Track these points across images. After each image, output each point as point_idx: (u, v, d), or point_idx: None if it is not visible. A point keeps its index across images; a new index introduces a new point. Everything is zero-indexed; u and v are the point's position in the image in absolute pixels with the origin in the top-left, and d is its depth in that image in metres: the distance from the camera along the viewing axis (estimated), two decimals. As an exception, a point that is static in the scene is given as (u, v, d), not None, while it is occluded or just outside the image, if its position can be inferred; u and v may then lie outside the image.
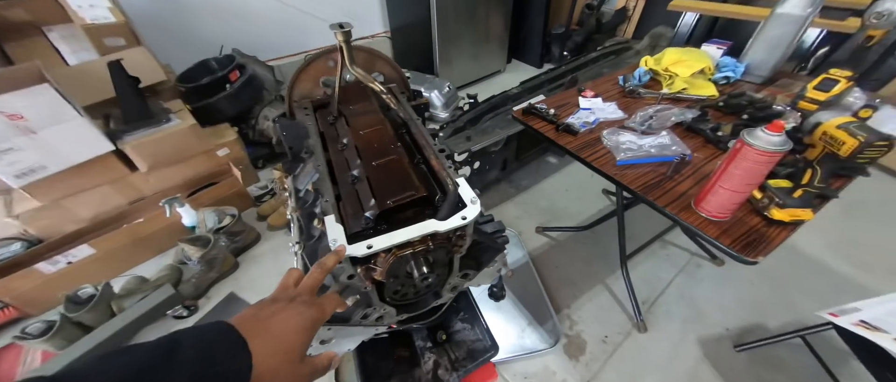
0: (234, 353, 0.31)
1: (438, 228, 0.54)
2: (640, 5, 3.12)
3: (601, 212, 1.80)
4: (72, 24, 1.61)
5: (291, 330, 0.36)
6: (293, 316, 0.37)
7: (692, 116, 0.98)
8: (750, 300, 1.38)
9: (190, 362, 0.28)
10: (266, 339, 0.33)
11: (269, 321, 0.35)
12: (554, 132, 1.05)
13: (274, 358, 0.33)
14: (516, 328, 1.35)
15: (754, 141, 0.60)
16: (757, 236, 0.70)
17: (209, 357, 0.29)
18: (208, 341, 0.30)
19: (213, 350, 0.30)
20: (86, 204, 1.51)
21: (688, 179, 0.84)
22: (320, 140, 0.72)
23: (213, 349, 0.30)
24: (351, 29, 0.63)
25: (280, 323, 0.36)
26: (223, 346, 0.31)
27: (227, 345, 0.31)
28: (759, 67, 1.17)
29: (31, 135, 1.20)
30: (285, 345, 0.34)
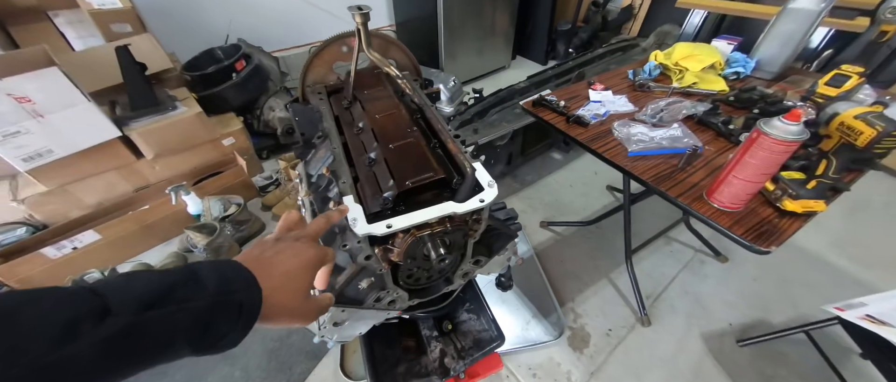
0: (247, 286, 0.33)
1: (457, 209, 0.54)
2: (646, 3, 3.11)
3: (605, 208, 1.80)
4: (78, 10, 1.60)
5: (295, 269, 0.38)
6: (296, 256, 0.39)
7: (703, 110, 0.98)
8: (753, 296, 1.39)
9: (211, 286, 0.30)
10: (272, 277, 0.35)
11: (274, 260, 0.38)
12: (564, 124, 1.05)
13: (280, 293, 0.35)
14: (521, 320, 1.35)
15: (771, 130, 0.60)
16: (769, 227, 0.70)
17: (226, 285, 0.31)
18: (224, 273, 0.32)
19: (230, 280, 0.32)
20: (91, 190, 1.50)
21: (700, 170, 0.85)
22: (335, 124, 0.72)
23: (229, 279, 0.32)
24: (369, 11, 0.63)
25: (284, 262, 0.38)
26: (238, 278, 0.33)
27: (241, 278, 0.33)
28: (770, 63, 1.17)
29: (38, 118, 1.20)
30: (290, 283, 0.37)
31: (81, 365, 0.23)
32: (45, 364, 0.22)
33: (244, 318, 0.32)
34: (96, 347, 0.23)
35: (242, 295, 0.32)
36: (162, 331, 0.27)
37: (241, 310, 0.31)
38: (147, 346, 0.26)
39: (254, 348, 1.26)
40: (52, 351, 0.22)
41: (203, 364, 1.22)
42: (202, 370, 1.20)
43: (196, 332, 0.29)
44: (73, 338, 0.23)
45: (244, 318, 0.32)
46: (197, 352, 0.30)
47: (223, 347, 0.31)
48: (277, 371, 1.20)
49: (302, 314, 0.38)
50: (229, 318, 0.31)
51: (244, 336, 0.32)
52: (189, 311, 0.28)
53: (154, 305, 0.27)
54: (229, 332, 0.31)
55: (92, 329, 0.24)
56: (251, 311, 0.32)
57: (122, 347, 0.25)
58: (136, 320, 0.25)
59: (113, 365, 0.25)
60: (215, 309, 0.30)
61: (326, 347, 1.25)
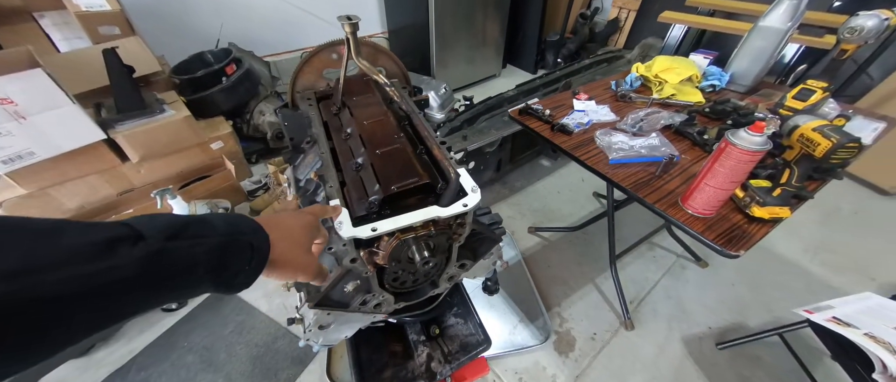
0: (254, 231, 0.37)
1: (440, 214, 0.56)
2: (631, 17, 3.23)
3: (591, 214, 1.84)
4: (65, 11, 1.58)
5: (295, 226, 0.43)
6: (297, 217, 0.44)
7: (680, 120, 1.02)
8: (732, 300, 1.44)
9: (221, 226, 0.33)
10: (277, 230, 0.39)
11: (277, 219, 0.42)
12: (549, 132, 1.08)
13: (285, 244, 0.39)
14: (508, 324, 1.37)
15: (738, 141, 0.64)
16: (739, 232, 0.74)
17: (235, 228, 0.34)
18: (231, 220, 0.35)
19: (237, 225, 0.35)
20: (73, 194, 1.47)
21: (676, 178, 0.89)
22: (324, 129, 0.74)
23: (236, 224, 0.35)
24: (358, 21, 0.65)
25: (287, 220, 0.43)
26: (244, 224, 0.36)
27: (247, 225, 0.37)
28: (743, 76, 1.23)
29: (20, 120, 1.18)
30: (293, 236, 0.41)
31: (122, 279, 0.25)
32: (90, 272, 0.24)
33: (256, 258, 0.35)
34: (134, 263, 0.26)
35: (251, 238, 0.36)
36: (185, 259, 0.30)
37: (253, 250, 0.35)
38: (175, 271, 0.29)
39: (238, 354, 1.25)
40: (97, 262, 0.24)
41: (185, 373, 1.19)
42: (184, 378, 1.18)
43: (213, 264, 0.31)
44: (113, 255, 0.25)
45: (256, 258, 0.35)
46: (216, 286, 0.33)
47: (238, 284, 0.34)
48: (262, 377, 1.19)
49: (304, 266, 0.42)
50: (242, 256, 0.34)
51: (256, 276, 0.36)
52: (206, 245, 0.31)
53: (176, 236, 0.29)
54: (243, 268, 0.34)
55: (129, 249, 0.26)
56: (261, 252, 0.36)
57: (155, 269, 0.27)
58: (165, 246, 0.28)
59: (148, 283, 0.27)
60: (228, 247, 0.33)
61: (312, 351, 1.24)
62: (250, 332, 1.30)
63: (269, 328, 1.32)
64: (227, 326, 1.33)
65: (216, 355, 1.24)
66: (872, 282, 1.50)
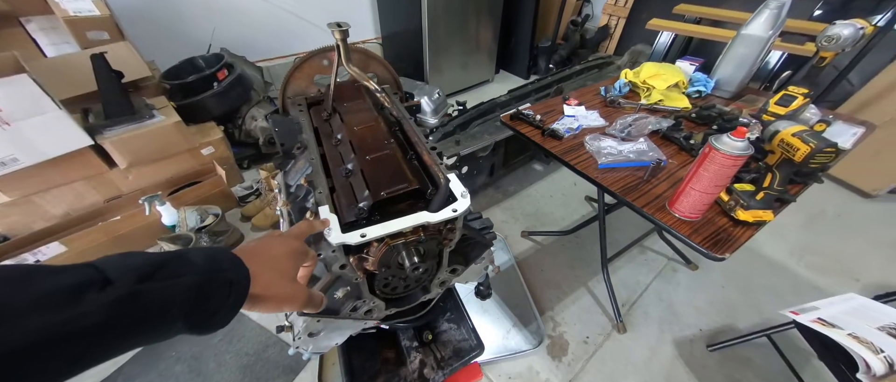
0: (234, 265, 0.35)
1: (430, 219, 0.56)
2: (620, 24, 3.29)
3: (583, 218, 1.86)
4: (52, 16, 1.56)
5: (279, 254, 0.41)
6: (280, 245, 0.43)
7: (667, 125, 1.04)
8: (721, 302, 1.46)
9: (199, 263, 0.32)
10: (258, 260, 0.38)
11: (260, 250, 0.40)
12: (540, 137, 1.09)
13: (268, 276, 0.38)
14: (501, 329, 1.37)
15: (721, 146, 0.66)
16: (724, 235, 0.75)
17: (214, 264, 0.33)
18: (211, 254, 0.34)
19: (216, 260, 0.34)
20: (58, 200, 1.45)
21: (663, 182, 0.90)
22: (314, 135, 0.74)
23: (216, 259, 0.34)
24: (349, 28, 0.66)
25: (270, 250, 0.41)
26: (224, 259, 0.35)
27: (227, 259, 0.35)
28: (728, 83, 1.27)
29: (4, 126, 1.16)
30: (276, 265, 0.40)
31: (90, 326, 0.25)
32: (59, 320, 0.23)
33: (234, 295, 0.34)
34: (101, 309, 0.25)
35: (231, 274, 0.34)
36: (158, 301, 0.29)
37: (231, 287, 0.34)
38: (146, 315, 0.28)
39: (228, 364, 1.23)
40: (64, 309, 0.24)
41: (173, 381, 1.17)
42: (172, 387, 1.16)
43: (189, 305, 0.30)
44: (80, 301, 0.25)
45: (234, 295, 0.34)
46: (191, 327, 0.31)
47: (215, 324, 0.33)
48: (252, 386, 1.17)
49: (289, 297, 0.40)
50: (220, 294, 0.33)
51: (234, 314, 0.34)
52: (181, 285, 0.30)
53: (150, 277, 0.29)
54: (220, 308, 0.32)
55: (96, 295, 0.25)
56: (240, 288, 0.34)
57: (123, 314, 0.26)
58: (135, 289, 0.27)
59: (115, 331, 0.26)
60: (206, 285, 0.31)
61: (302, 359, 1.22)
62: (240, 341, 1.28)
63: (259, 336, 1.30)
64: (216, 334, 1.30)
65: (205, 364, 1.22)
66: (856, 283, 1.53)
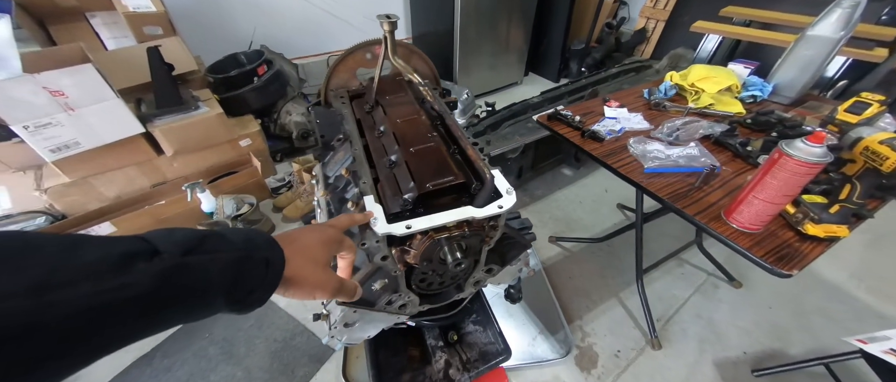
0: (270, 246, 0.36)
1: (475, 214, 0.55)
2: (659, 27, 3.16)
3: (616, 226, 1.78)
4: (114, 12, 1.68)
5: (313, 242, 0.41)
6: (316, 233, 0.43)
7: (721, 131, 0.98)
8: (769, 325, 1.35)
9: (237, 241, 0.33)
10: (292, 246, 0.38)
11: (295, 234, 0.41)
12: (579, 138, 1.05)
13: (302, 261, 0.38)
14: (527, 335, 1.33)
15: (794, 151, 0.60)
16: (790, 251, 0.69)
17: (250, 243, 0.34)
18: (248, 234, 0.35)
19: (253, 240, 0.35)
20: (111, 183, 1.54)
21: (717, 190, 0.84)
22: (357, 127, 0.74)
23: (252, 239, 0.35)
24: (397, 19, 0.66)
25: (304, 236, 0.41)
26: (261, 239, 0.36)
27: (264, 240, 0.36)
28: (787, 87, 1.17)
29: (69, 112, 1.25)
30: (310, 252, 0.40)
31: (137, 296, 0.25)
32: (107, 288, 0.24)
33: (270, 274, 0.34)
34: (149, 279, 0.25)
35: (266, 253, 0.35)
36: (201, 275, 0.29)
37: (267, 266, 0.34)
38: (190, 288, 0.28)
39: (257, 348, 1.26)
40: (113, 278, 0.24)
41: (206, 363, 1.21)
42: (205, 368, 1.20)
43: (229, 281, 0.31)
44: (130, 270, 0.25)
45: (270, 274, 0.34)
46: (230, 305, 0.32)
47: (252, 303, 0.33)
48: (280, 373, 1.19)
49: (320, 283, 0.40)
50: (257, 272, 0.33)
51: (270, 293, 0.35)
52: (220, 260, 0.30)
53: (193, 251, 0.29)
54: (257, 286, 0.33)
55: (145, 264, 0.26)
56: (275, 268, 0.35)
57: (170, 285, 0.27)
58: (180, 262, 0.28)
59: (162, 303, 0.26)
60: (243, 263, 0.32)
61: (335, 349, 1.24)
62: (270, 327, 1.31)
63: (287, 324, 1.33)
64: (248, 319, 1.34)
65: (236, 348, 1.26)
66: (929, 314, 1.38)
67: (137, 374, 1.19)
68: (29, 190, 1.41)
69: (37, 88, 1.16)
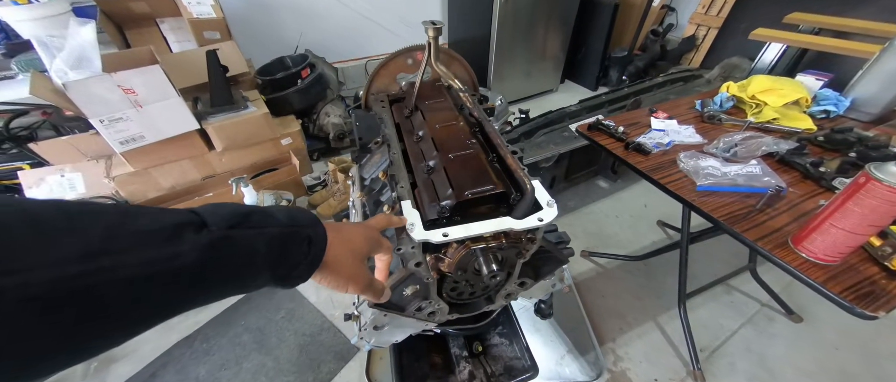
0: (313, 224, 0.36)
1: (514, 226, 0.53)
2: (711, 35, 2.97)
3: (655, 244, 1.67)
4: (180, 18, 1.84)
5: (356, 235, 0.42)
6: (358, 228, 0.43)
7: (787, 148, 0.88)
8: (836, 369, 1.19)
9: (282, 217, 0.34)
10: (335, 233, 0.39)
11: (338, 225, 0.41)
12: (622, 150, 1.00)
13: (342, 249, 0.38)
14: (555, 353, 1.27)
15: (886, 177, 0.53)
16: (874, 289, 0.60)
17: (295, 220, 0.35)
18: (291, 212, 0.36)
19: (297, 217, 0.35)
20: (168, 175, 1.68)
21: (783, 214, 0.76)
22: (396, 131, 0.75)
23: (297, 217, 0.35)
24: (442, 26, 0.65)
25: (346, 228, 0.42)
26: (304, 217, 0.36)
27: (308, 218, 0.36)
28: (869, 103, 1.04)
29: (138, 108, 1.37)
30: (350, 244, 0.40)
31: (187, 265, 0.26)
32: (159, 257, 0.24)
33: (313, 251, 0.35)
34: (198, 250, 0.26)
35: (310, 231, 0.35)
36: (247, 247, 0.30)
37: (310, 243, 0.35)
38: (236, 259, 0.29)
39: (287, 340, 1.30)
40: (165, 247, 0.25)
41: (240, 350, 1.27)
42: (239, 355, 1.26)
43: (273, 256, 0.31)
44: (180, 240, 0.26)
45: (313, 251, 0.35)
46: (275, 278, 0.32)
47: (295, 277, 0.34)
48: (306, 367, 1.22)
49: (355, 276, 0.40)
50: (300, 248, 0.34)
51: (312, 271, 0.36)
52: (266, 235, 0.31)
53: (239, 225, 0.30)
54: (300, 262, 0.34)
55: (194, 236, 0.27)
56: (318, 245, 0.36)
57: (217, 257, 0.27)
58: (227, 234, 0.28)
59: (210, 273, 0.27)
60: (288, 238, 0.33)
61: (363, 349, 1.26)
62: (299, 321, 1.36)
63: (315, 319, 1.36)
64: (279, 311, 1.40)
65: (268, 338, 1.31)
66: None
67: (179, 355, 1.27)
68: (100, 177, 1.57)
69: (112, 86, 1.29)
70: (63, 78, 1.18)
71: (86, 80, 1.21)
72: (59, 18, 1.45)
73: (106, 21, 1.70)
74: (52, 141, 1.49)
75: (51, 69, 1.19)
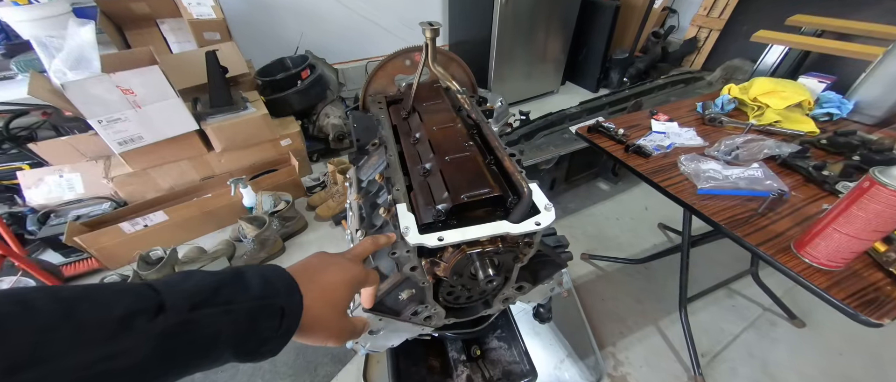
0: (289, 291, 0.33)
1: (510, 230, 0.52)
2: (712, 37, 2.95)
3: (656, 247, 1.66)
4: (180, 19, 1.84)
5: (337, 284, 0.38)
6: (339, 272, 0.40)
7: (790, 151, 0.87)
8: (839, 374, 1.18)
9: (255, 287, 0.31)
10: (315, 289, 0.35)
11: (318, 274, 0.38)
12: (623, 153, 0.99)
13: (320, 306, 0.35)
14: (554, 357, 1.26)
15: (891, 181, 0.51)
16: (878, 295, 0.59)
17: (269, 288, 0.32)
18: (267, 277, 0.33)
19: (274, 284, 0.32)
20: (167, 175, 1.68)
21: (785, 218, 0.75)
22: (393, 133, 0.74)
23: (273, 283, 0.32)
24: (440, 26, 0.65)
25: (327, 276, 0.38)
26: (281, 283, 0.33)
27: (284, 283, 0.33)
28: (872, 106, 1.03)
29: (137, 108, 1.37)
30: (331, 297, 0.37)
31: (133, 359, 0.23)
32: (99, 357, 0.22)
33: (285, 324, 0.32)
34: (150, 342, 0.24)
35: (284, 300, 0.32)
36: (209, 330, 0.27)
37: (283, 315, 0.32)
38: (194, 345, 0.26)
39: (284, 343, 1.29)
40: (107, 345, 0.22)
41: (236, 351, 1.26)
42: (235, 356, 1.25)
43: (239, 335, 0.29)
44: (127, 333, 0.23)
45: (285, 324, 0.32)
46: (239, 356, 0.29)
47: (264, 354, 0.31)
48: (303, 370, 1.21)
49: (337, 333, 0.38)
50: (271, 323, 0.31)
51: (284, 344, 0.32)
52: (233, 312, 0.28)
53: (203, 304, 0.27)
54: (270, 338, 0.31)
55: (146, 324, 0.24)
56: (292, 318, 0.32)
57: (172, 344, 0.25)
58: (187, 318, 0.26)
59: (160, 363, 0.25)
60: (258, 313, 0.30)
61: (358, 353, 1.25)
62: (296, 323, 1.35)
63: (313, 321, 1.35)
64: (277, 313, 1.39)
65: (264, 340, 1.30)
66: None
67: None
68: (98, 178, 1.57)
69: (111, 87, 1.28)
70: (61, 78, 1.18)
71: (84, 80, 1.21)
72: (58, 19, 1.45)
73: (106, 22, 1.70)
74: (52, 141, 1.49)
75: (50, 70, 1.19)
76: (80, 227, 1.46)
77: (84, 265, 1.54)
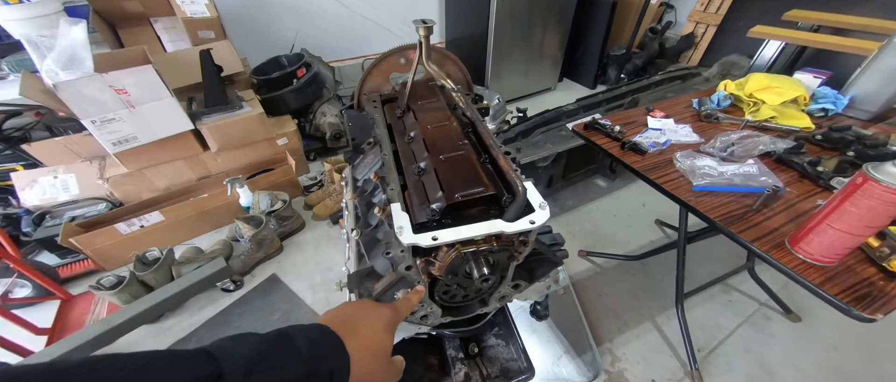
0: (336, 352, 0.34)
1: (505, 229, 0.52)
2: (709, 32, 2.95)
3: (653, 244, 1.66)
4: (174, 17, 1.82)
5: (378, 332, 0.40)
6: (378, 319, 0.41)
7: (785, 147, 0.87)
8: (834, 368, 1.19)
9: (304, 352, 0.32)
10: (358, 340, 0.37)
11: (358, 323, 0.39)
12: (619, 150, 0.99)
13: (367, 359, 0.36)
14: (551, 354, 1.26)
15: (883, 177, 0.52)
16: (872, 290, 0.59)
17: (317, 350, 0.33)
18: (314, 338, 0.34)
19: (321, 346, 0.34)
20: (162, 175, 1.67)
21: (779, 214, 0.75)
22: (387, 131, 0.73)
23: (320, 345, 0.34)
24: (433, 24, 0.64)
25: (368, 325, 0.39)
26: (327, 343, 0.34)
27: (330, 343, 0.35)
28: (868, 101, 1.03)
29: (130, 108, 1.36)
30: (375, 346, 0.38)
31: None
32: None
33: None
34: None
35: (331, 361, 0.34)
36: None
37: (332, 378, 0.33)
38: None
39: (282, 342, 1.29)
40: None
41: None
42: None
43: None
44: None
45: None
46: None
47: None
48: (301, 369, 1.21)
49: (384, 380, 0.39)
50: None
51: None
52: (285, 377, 0.30)
53: (256, 370, 0.28)
54: None
55: None
56: (340, 377, 0.34)
57: None
58: None
59: None
60: (308, 376, 0.31)
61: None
62: (295, 322, 1.35)
63: (311, 320, 1.35)
64: (275, 313, 1.39)
65: (262, 339, 1.30)
66: None
67: (174, 356, 1.26)
68: (93, 178, 1.56)
69: (104, 86, 1.27)
70: (54, 78, 1.17)
71: (76, 80, 1.20)
72: (49, 18, 1.43)
73: (98, 21, 1.68)
74: (46, 142, 1.48)
75: (41, 70, 1.18)
76: (76, 228, 1.46)
77: (80, 266, 1.53)
